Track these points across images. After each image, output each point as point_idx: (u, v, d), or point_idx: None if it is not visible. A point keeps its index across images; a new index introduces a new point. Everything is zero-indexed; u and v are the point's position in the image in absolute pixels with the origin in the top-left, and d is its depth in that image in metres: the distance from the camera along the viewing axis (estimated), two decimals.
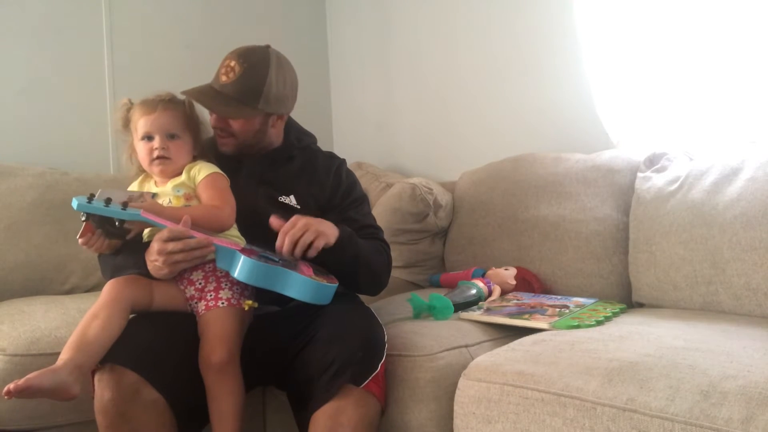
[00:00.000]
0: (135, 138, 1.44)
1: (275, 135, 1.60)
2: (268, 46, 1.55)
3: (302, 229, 1.35)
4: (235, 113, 1.49)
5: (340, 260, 1.43)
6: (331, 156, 1.69)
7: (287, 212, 1.49)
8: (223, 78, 1.50)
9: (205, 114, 1.53)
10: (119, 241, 1.36)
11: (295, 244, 1.34)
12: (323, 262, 1.41)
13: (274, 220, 1.38)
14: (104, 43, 2.37)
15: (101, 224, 1.29)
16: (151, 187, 1.45)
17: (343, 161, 1.70)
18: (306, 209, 1.54)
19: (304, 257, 1.37)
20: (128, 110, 1.45)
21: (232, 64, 1.50)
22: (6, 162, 2.07)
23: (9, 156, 2.12)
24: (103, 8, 2.37)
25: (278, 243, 1.35)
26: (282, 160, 1.61)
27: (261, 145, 1.58)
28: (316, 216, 1.46)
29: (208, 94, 1.50)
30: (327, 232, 1.38)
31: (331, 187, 1.61)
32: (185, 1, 2.57)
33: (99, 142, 2.34)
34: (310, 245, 1.35)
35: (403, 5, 2.70)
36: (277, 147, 1.61)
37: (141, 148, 1.42)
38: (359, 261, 1.47)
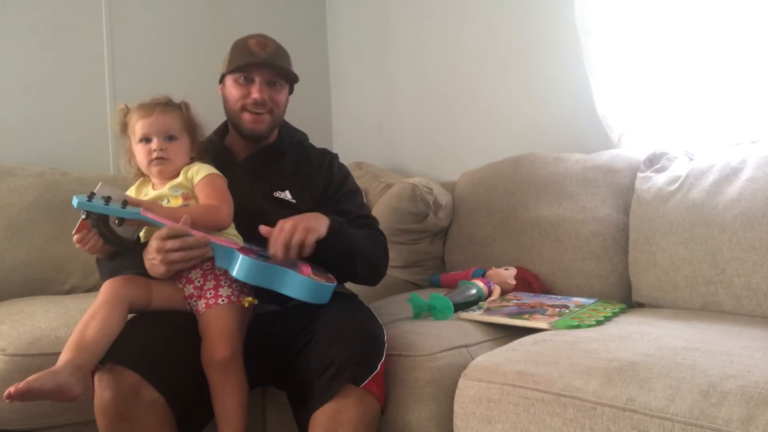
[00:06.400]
0: (133, 141, 1.44)
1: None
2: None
3: (290, 232, 1.33)
4: (295, 76, 1.59)
5: (335, 248, 1.42)
6: (323, 151, 1.71)
7: (283, 207, 1.52)
8: (263, 52, 1.54)
9: (204, 115, 1.52)
10: (113, 248, 1.36)
11: (287, 248, 1.33)
12: (319, 253, 1.41)
13: (263, 228, 1.36)
14: (104, 43, 2.37)
15: (97, 225, 1.29)
16: (148, 190, 1.45)
17: (336, 155, 1.72)
18: (301, 203, 1.55)
19: (301, 257, 1.36)
20: (125, 115, 1.46)
21: (262, 39, 1.56)
22: (6, 162, 2.07)
23: (9, 156, 2.12)
24: (103, 8, 2.37)
25: (270, 251, 1.33)
26: (275, 156, 1.63)
27: (275, 129, 1.64)
28: (311, 210, 1.47)
29: (276, 58, 1.56)
30: (315, 226, 1.37)
31: (324, 180, 1.63)
32: (185, 1, 2.58)
33: (99, 143, 2.34)
34: (303, 245, 1.34)
35: (403, 5, 2.70)
36: (270, 143, 1.64)
37: (139, 151, 1.43)
38: (354, 248, 1.47)
